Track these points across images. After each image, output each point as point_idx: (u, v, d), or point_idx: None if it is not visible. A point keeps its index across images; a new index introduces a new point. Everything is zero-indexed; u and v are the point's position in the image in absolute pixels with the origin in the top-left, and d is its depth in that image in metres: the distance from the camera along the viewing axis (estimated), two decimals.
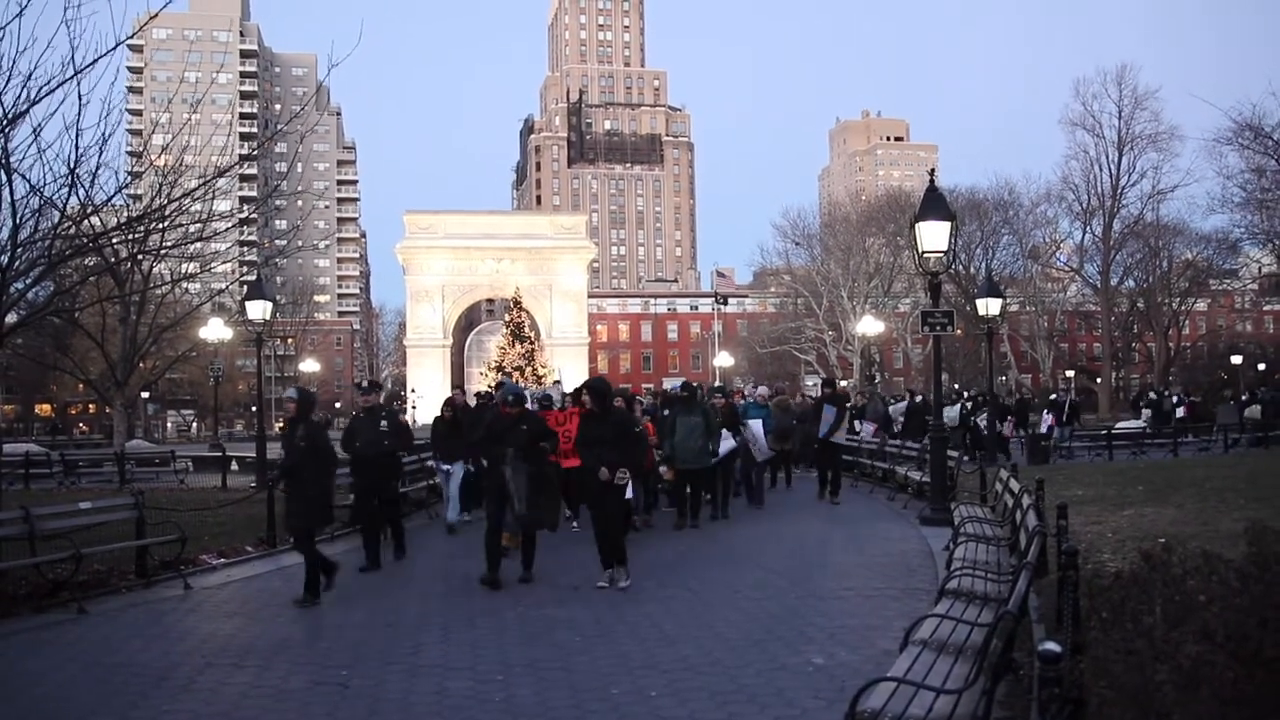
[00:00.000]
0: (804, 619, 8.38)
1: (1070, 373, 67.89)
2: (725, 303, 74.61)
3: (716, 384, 34.45)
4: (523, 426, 10.18)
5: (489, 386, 26.18)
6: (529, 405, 12.34)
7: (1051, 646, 3.81)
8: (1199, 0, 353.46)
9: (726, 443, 14.90)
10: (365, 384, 15.32)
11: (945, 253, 14.32)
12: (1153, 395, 41.19)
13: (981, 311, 27.40)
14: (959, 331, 54.58)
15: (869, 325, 49.37)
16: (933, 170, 15.47)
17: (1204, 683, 4.41)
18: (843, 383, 59.64)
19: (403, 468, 14.58)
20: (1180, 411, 36.38)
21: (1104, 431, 31.03)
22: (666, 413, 15.57)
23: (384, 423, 12.22)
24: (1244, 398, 39.67)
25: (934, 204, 14.24)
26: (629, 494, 10.94)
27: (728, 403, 16.79)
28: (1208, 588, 5.48)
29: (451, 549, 13.18)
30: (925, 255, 14.18)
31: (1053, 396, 31.27)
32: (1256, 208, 48.15)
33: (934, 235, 14.10)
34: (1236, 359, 60.16)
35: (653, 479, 14.77)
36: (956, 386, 39.98)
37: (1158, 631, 5.08)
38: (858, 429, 21.81)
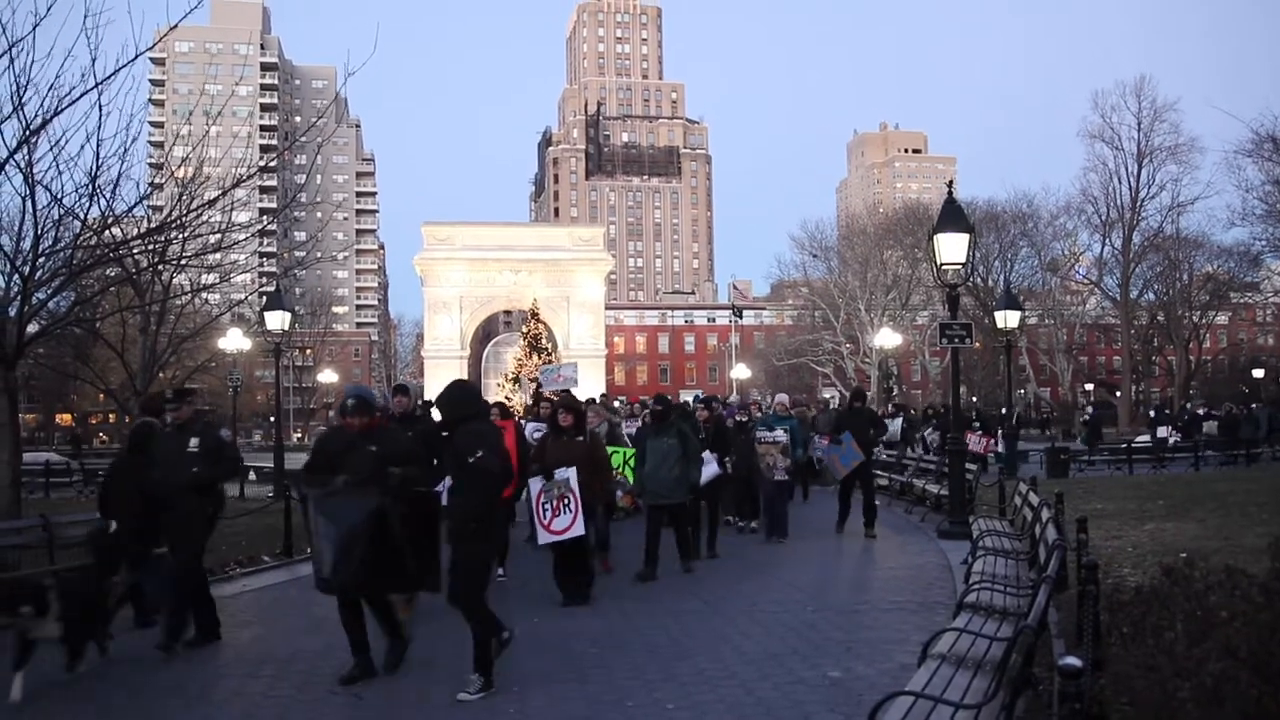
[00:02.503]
0: (821, 632, 8.33)
1: (1090, 385, 67.50)
2: (741, 314, 74.45)
3: (730, 396, 32.91)
4: (370, 447, 7.11)
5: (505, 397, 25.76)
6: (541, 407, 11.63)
7: (1072, 661, 3.76)
8: (1219, 11, 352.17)
9: (709, 468, 12.46)
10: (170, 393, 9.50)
11: (963, 265, 14.28)
12: (1167, 411, 40.94)
13: (1000, 324, 27.29)
14: (977, 344, 54.27)
15: (887, 338, 49.09)
16: (951, 182, 15.44)
17: (1227, 700, 4.35)
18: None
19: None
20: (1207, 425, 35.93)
21: (1124, 446, 30.83)
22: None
23: (192, 442, 8.47)
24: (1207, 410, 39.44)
25: (952, 216, 14.19)
26: (579, 530, 9.51)
27: (712, 416, 14.34)
28: (1230, 603, 5.42)
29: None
30: (943, 267, 14.13)
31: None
32: (1278, 220, 47.78)
33: (952, 247, 14.05)
34: (1258, 372, 59.67)
35: (614, 511, 12.81)
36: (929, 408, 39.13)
37: (1179, 647, 5.02)
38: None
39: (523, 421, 14.65)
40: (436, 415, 8.80)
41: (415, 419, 11.87)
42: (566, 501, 9.47)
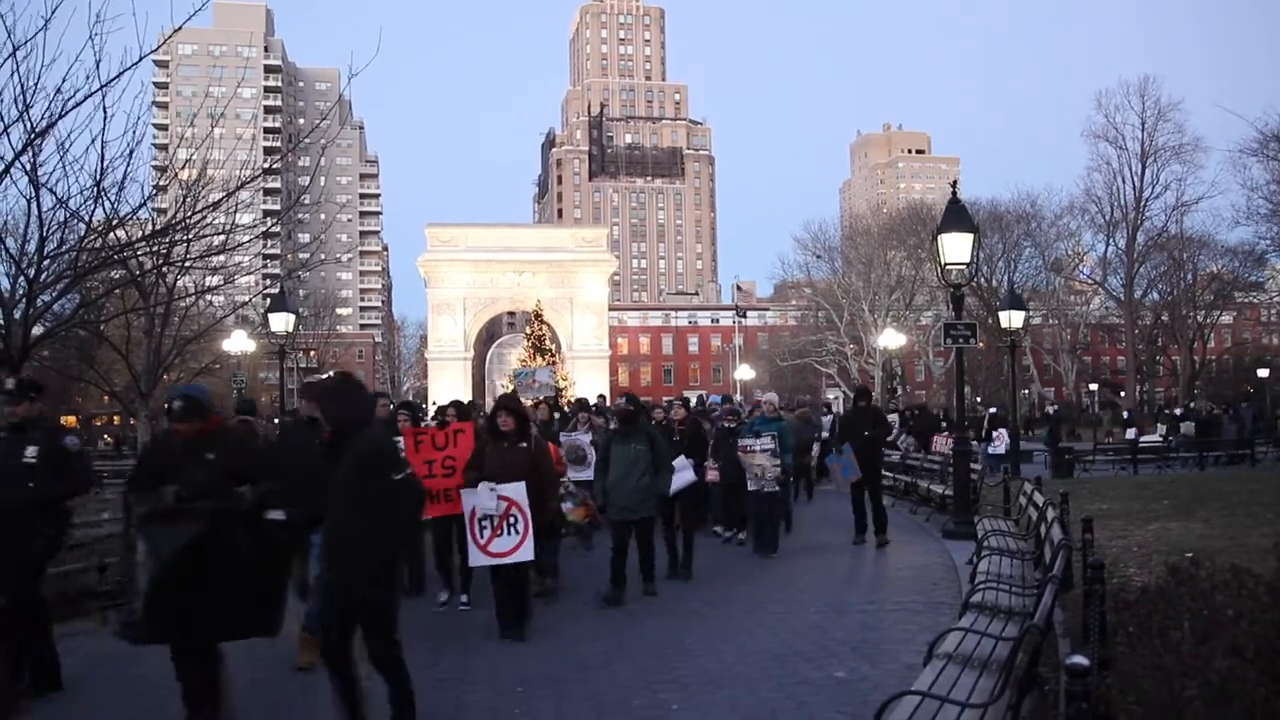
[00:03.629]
0: (826, 633, 8.32)
1: (1094, 386, 67.43)
2: (745, 315, 74.42)
3: (735, 397, 31.81)
4: (207, 455, 5.89)
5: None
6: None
7: (1079, 660, 3.75)
8: (1223, 11, 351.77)
9: (683, 475, 11.45)
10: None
11: (967, 265, 14.25)
12: (1177, 410, 40.82)
13: (1004, 324, 27.26)
14: (981, 344, 54.23)
15: (890, 338, 49.02)
16: (955, 182, 15.37)
17: (1234, 700, 4.34)
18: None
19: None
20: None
21: (1167, 443, 30.71)
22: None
23: (30, 450, 6.84)
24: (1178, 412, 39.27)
25: (956, 216, 14.17)
26: (526, 555, 8.20)
27: (689, 417, 13.50)
28: (1237, 603, 5.40)
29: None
30: (947, 267, 14.11)
31: (993, 410, 30.55)
32: None
33: (956, 247, 14.03)
34: (1263, 372, 59.55)
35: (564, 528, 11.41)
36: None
37: (1186, 647, 5.01)
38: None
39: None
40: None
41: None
42: (513, 520, 8.05)
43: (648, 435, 10.23)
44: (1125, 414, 51.40)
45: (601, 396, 23.81)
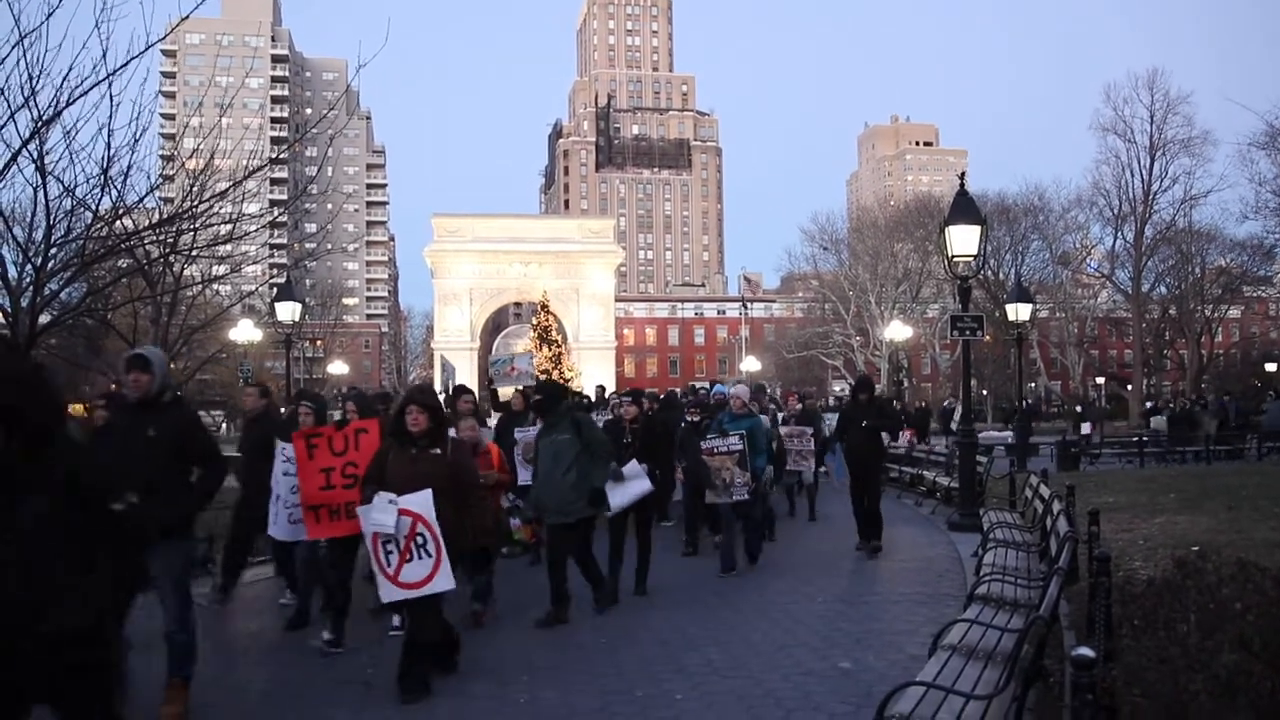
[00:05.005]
0: (831, 624, 8.31)
1: (1100, 379, 67.26)
2: (752, 307, 74.43)
3: (734, 384, 29.88)
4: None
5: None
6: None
7: (1085, 652, 3.74)
8: (1233, 3, 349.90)
9: (635, 484, 9.39)
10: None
11: (975, 257, 14.22)
12: (1186, 402, 40.55)
13: (1011, 317, 27.18)
14: (988, 337, 54.12)
15: (897, 330, 48.97)
16: (963, 174, 15.33)
17: (1240, 692, 4.34)
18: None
19: None
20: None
21: (1134, 439, 30.68)
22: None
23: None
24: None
25: (964, 208, 14.13)
26: (444, 584, 6.48)
27: (642, 414, 11.02)
28: (1244, 596, 5.40)
29: None
30: (955, 259, 14.08)
31: (945, 404, 30.43)
32: None
33: (964, 239, 14.00)
34: (1271, 366, 59.34)
35: (511, 546, 10.40)
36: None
37: (1192, 640, 5.01)
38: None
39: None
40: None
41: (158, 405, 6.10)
42: (421, 540, 6.38)
43: (573, 423, 8.73)
44: (1078, 409, 51.28)
45: (601, 387, 23.66)
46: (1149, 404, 41.29)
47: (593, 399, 18.68)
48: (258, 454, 9.27)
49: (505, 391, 18.23)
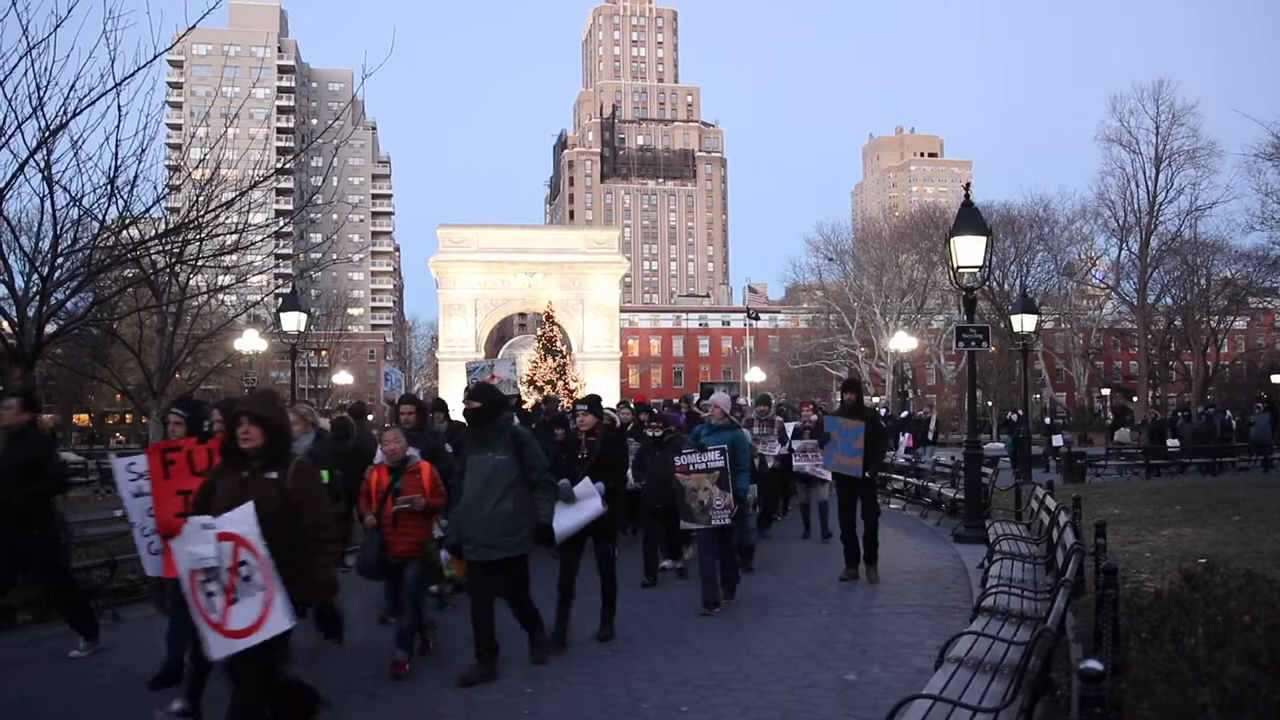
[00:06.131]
0: (836, 635, 8.29)
1: (1106, 390, 67.20)
2: (757, 318, 74.41)
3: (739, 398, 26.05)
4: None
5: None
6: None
7: (1093, 664, 3.72)
8: (1239, 14, 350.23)
9: (586, 505, 8.15)
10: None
11: (980, 268, 14.20)
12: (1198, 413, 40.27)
13: (1016, 328, 27.14)
14: (993, 348, 54.07)
15: (902, 342, 48.99)
16: (968, 185, 15.31)
17: (1248, 706, 4.31)
18: (875, 399, 59.33)
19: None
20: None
21: (1139, 450, 30.56)
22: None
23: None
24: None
25: (969, 219, 14.12)
26: (278, 625, 5.03)
27: (600, 426, 8.97)
28: (1251, 609, 5.38)
29: None
30: (960, 270, 14.06)
31: (904, 414, 30.33)
32: None
33: (969, 250, 13.98)
34: (1277, 378, 59.18)
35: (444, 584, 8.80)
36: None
37: (1200, 652, 4.98)
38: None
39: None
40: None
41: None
42: (246, 572, 5.01)
43: (514, 440, 7.36)
44: (1046, 420, 51.31)
45: (596, 398, 23.40)
46: (1109, 418, 41.22)
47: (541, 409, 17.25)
48: (16, 477, 7.83)
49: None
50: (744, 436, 10.33)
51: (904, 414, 35.15)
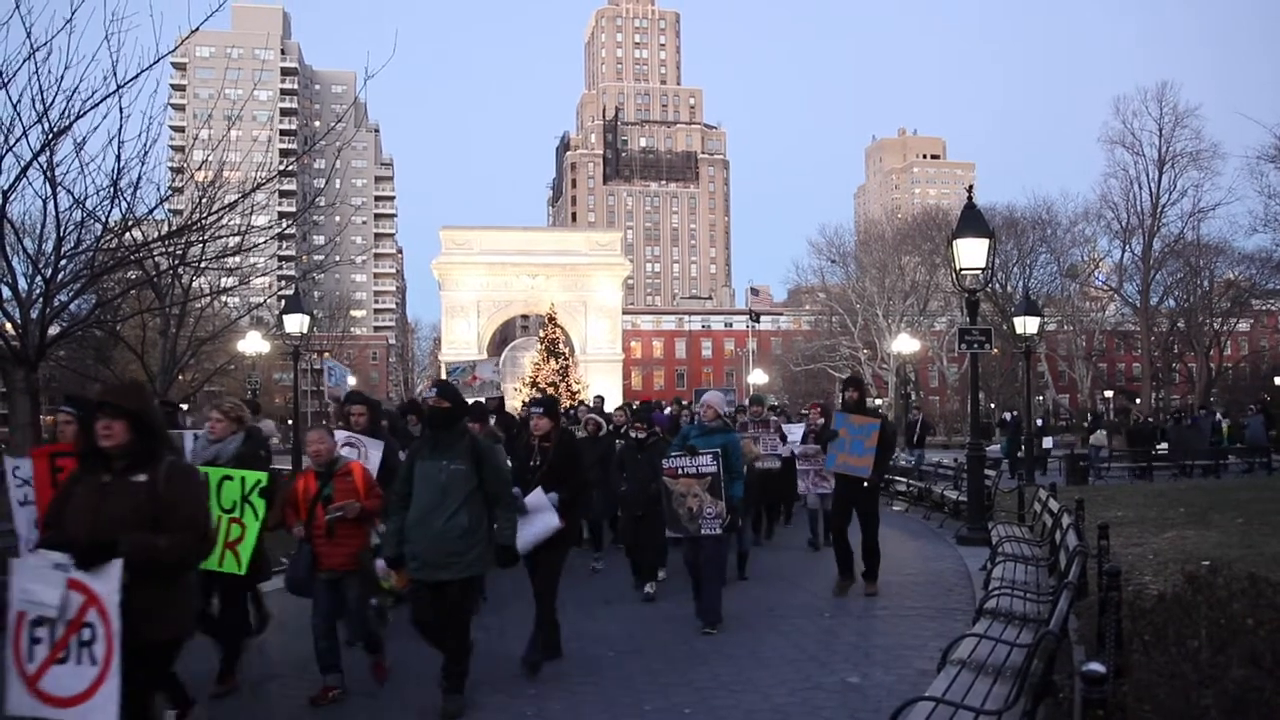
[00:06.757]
0: (839, 638, 8.29)
1: (1109, 392, 67.13)
2: (759, 320, 74.41)
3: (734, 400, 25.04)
4: None
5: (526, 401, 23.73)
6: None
7: (1096, 667, 3.72)
8: (1241, 16, 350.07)
9: (540, 519, 7.42)
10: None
11: (983, 270, 14.19)
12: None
13: (1019, 330, 27.09)
14: (996, 350, 54.06)
15: (904, 344, 48.85)
16: (971, 186, 15.30)
17: (1251, 709, 4.31)
18: (877, 401, 59.31)
19: None
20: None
21: (1120, 454, 30.41)
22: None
23: None
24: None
25: (972, 221, 14.11)
26: (107, 712, 4.05)
27: (556, 430, 8.09)
28: (1255, 611, 5.37)
29: None
30: (963, 272, 14.05)
31: (910, 415, 30.19)
32: None
33: (972, 252, 13.97)
34: None
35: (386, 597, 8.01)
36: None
37: (1203, 655, 4.97)
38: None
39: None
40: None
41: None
42: (87, 637, 4.05)
43: (473, 449, 6.62)
44: (1039, 423, 50.84)
45: (600, 398, 23.45)
46: (1088, 420, 41.02)
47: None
48: None
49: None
50: (737, 440, 9.65)
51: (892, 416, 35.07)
